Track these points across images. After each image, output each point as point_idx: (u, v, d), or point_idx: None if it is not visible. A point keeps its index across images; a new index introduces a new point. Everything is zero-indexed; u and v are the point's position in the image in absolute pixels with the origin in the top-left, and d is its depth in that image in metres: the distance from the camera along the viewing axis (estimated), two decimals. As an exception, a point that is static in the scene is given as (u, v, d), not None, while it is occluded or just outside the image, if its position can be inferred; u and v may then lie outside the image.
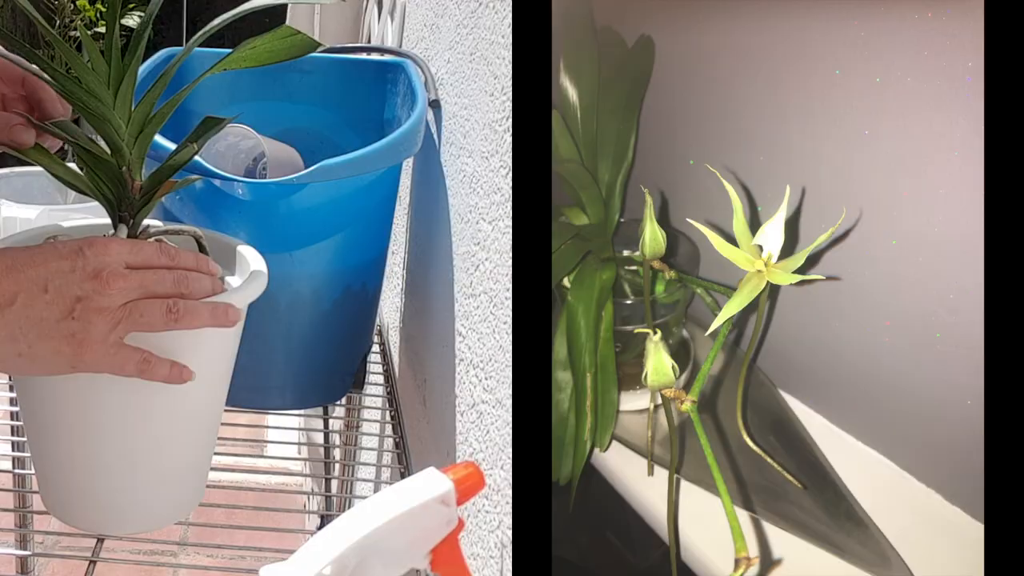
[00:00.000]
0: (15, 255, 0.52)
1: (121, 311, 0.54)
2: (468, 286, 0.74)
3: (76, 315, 0.53)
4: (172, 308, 0.55)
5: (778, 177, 0.77)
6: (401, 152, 0.81)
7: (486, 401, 0.67)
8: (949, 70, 0.61)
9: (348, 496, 1.13)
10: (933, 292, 0.67)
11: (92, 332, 0.53)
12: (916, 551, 0.66)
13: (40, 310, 0.52)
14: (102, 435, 0.60)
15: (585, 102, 0.80)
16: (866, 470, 0.74)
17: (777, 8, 0.72)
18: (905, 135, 0.66)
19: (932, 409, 0.70)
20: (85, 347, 0.54)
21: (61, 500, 0.65)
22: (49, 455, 0.63)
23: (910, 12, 0.62)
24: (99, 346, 0.54)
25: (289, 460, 2.18)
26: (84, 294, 0.53)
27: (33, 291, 0.52)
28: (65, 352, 0.53)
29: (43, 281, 0.52)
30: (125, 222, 0.60)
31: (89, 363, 0.54)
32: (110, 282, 0.53)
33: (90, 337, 0.54)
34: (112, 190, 0.60)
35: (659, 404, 0.78)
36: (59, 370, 0.55)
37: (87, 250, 0.54)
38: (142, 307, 0.55)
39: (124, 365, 0.55)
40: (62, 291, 0.52)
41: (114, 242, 0.55)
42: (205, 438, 0.66)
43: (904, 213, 0.67)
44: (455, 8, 0.86)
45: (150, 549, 1.87)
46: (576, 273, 0.75)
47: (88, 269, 0.53)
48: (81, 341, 0.53)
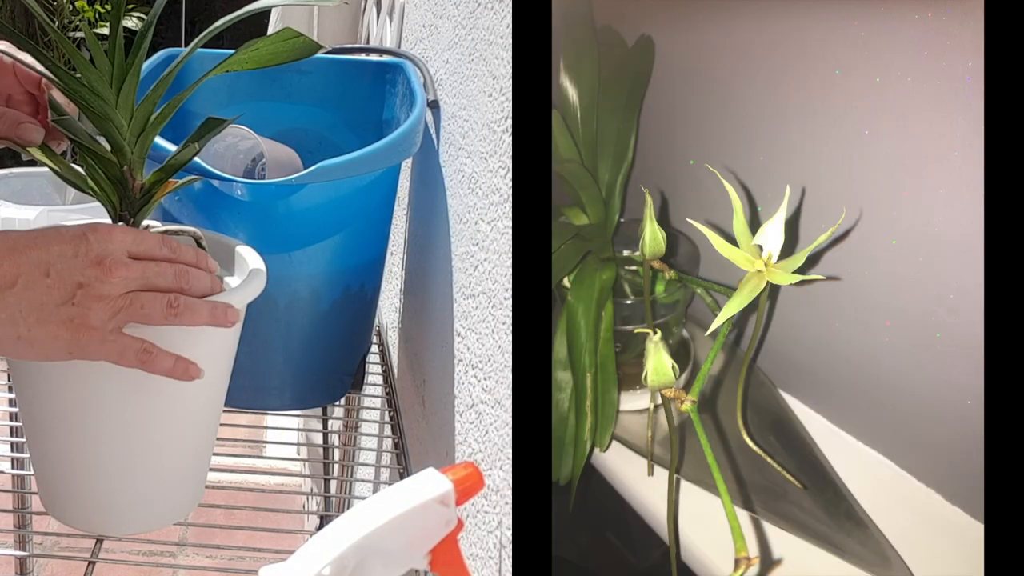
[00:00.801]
0: (17, 237, 0.52)
1: (122, 300, 0.54)
2: (467, 286, 0.74)
3: (76, 301, 0.53)
4: (173, 303, 0.55)
5: (778, 177, 0.77)
6: (400, 153, 0.81)
7: (485, 401, 0.67)
8: (949, 70, 0.61)
9: (347, 496, 1.13)
10: (933, 292, 0.66)
11: (91, 319, 0.53)
12: (916, 551, 0.66)
13: (41, 294, 0.52)
14: (100, 435, 0.60)
15: (585, 102, 0.80)
16: (866, 470, 0.74)
17: (777, 8, 0.72)
18: (905, 135, 0.66)
19: (932, 409, 0.69)
20: (83, 333, 0.53)
21: (60, 500, 0.65)
22: (47, 455, 0.63)
23: (910, 12, 0.62)
24: (97, 333, 0.54)
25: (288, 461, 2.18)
26: (86, 280, 0.53)
27: (35, 274, 0.52)
28: (63, 337, 0.53)
29: (45, 265, 0.52)
30: (125, 221, 0.60)
31: (87, 349, 0.54)
32: (112, 270, 0.53)
33: (89, 323, 0.53)
34: (113, 189, 0.60)
35: (659, 404, 0.78)
36: (57, 355, 0.54)
37: (91, 235, 0.53)
38: (143, 299, 0.55)
39: (123, 353, 0.55)
40: (63, 276, 0.52)
41: (118, 230, 0.55)
42: (204, 438, 0.66)
43: (904, 213, 0.67)
44: (454, 9, 0.86)
45: (149, 550, 1.87)
46: (576, 273, 0.75)
47: (91, 255, 0.53)
48: (79, 327, 0.53)
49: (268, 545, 0.77)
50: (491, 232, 0.67)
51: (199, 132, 0.61)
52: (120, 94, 0.57)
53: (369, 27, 1.67)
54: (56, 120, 0.57)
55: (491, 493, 0.65)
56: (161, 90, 0.59)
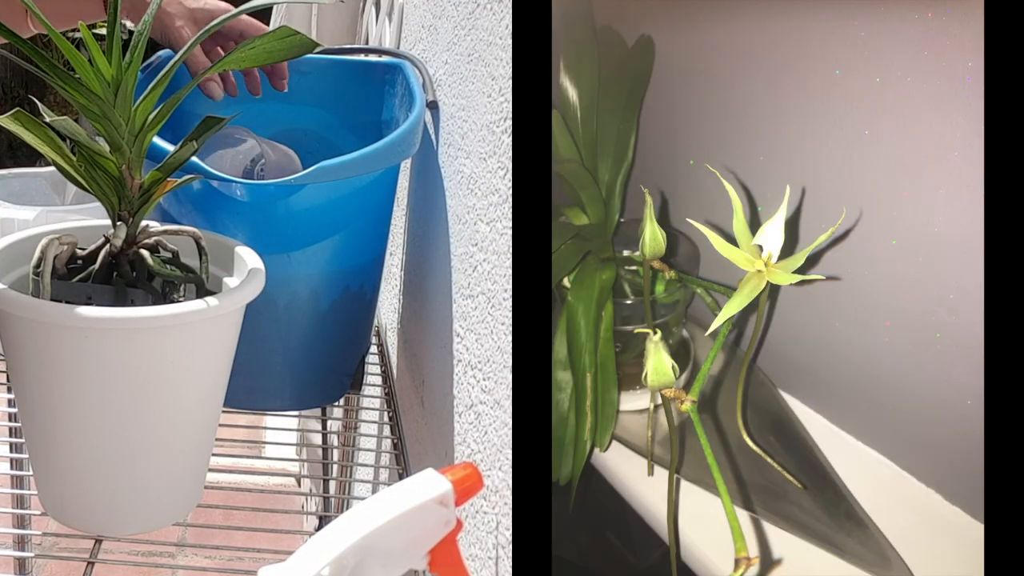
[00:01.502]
0: None
1: None
2: (466, 287, 0.74)
3: None
4: None
5: (778, 177, 0.77)
6: (399, 153, 0.81)
7: (484, 402, 0.67)
8: (949, 70, 0.60)
9: (346, 497, 1.13)
10: (933, 292, 0.66)
11: None
12: (916, 551, 0.66)
13: None
14: (99, 435, 0.60)
15: (585, 102, 0.80)
16: (866, 470, 0.74)
17: (777, 8, 0.72)
18: (905, 135, 0.66)
19: (932, 409, 0.69)
20: None
21: (59, 501, 0.65)
22: (47, 456, 0.63)
23: (910, 12, 0.62)
24: None
25: (287, 461, 2.17)
26: None
27: None
28: None
29: None
30: (124, 221, 0.60)
31: None
32: None
33: None
34: (112, 189, 0.60)
35: (659, 404, 0.78)
36: None
37: None
38: None
39: None
40: None
41: None
42: (203, 438, 0.66)
43: (904, 213, 0.67)
44: (453, 9, 0.86)
45: (148, 550, 1.87)
46: (576, 273, 0.75)
47: None
48: None
49: (267, 545, 0.77)
50: (490, 233, 0.67)
51: (197, 131, 0.61)
52: (118, 93, 0.57)
53: (368, 28, 1.67)
54: (53, 121, 0.57)
55: (490, 494, 0.64)
56: (159, 89, 0.59)
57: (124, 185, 0.59)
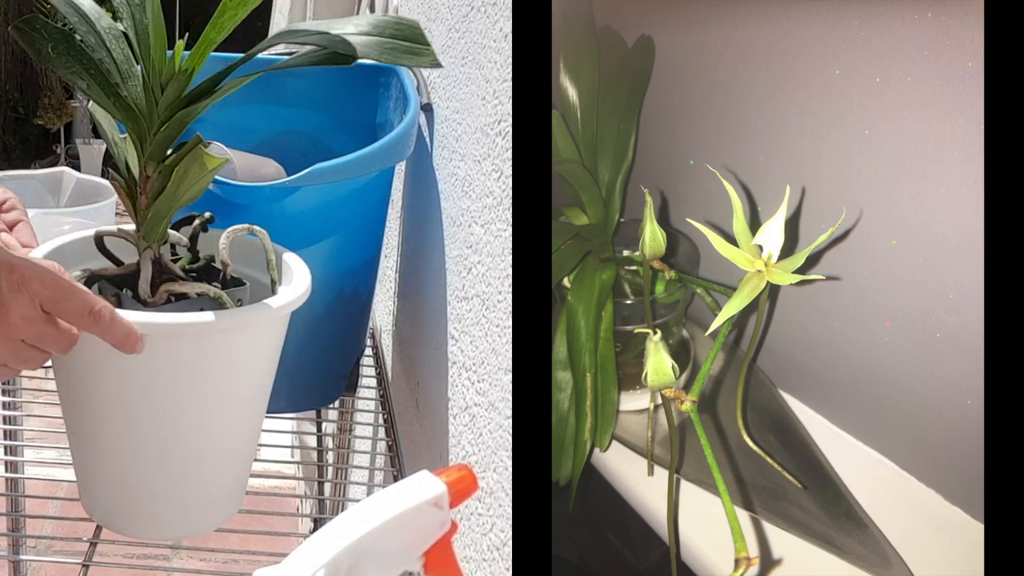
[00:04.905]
0: None
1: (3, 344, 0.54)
2: (460, 289, 0.74)
3: None
4: None
5: (778, 177, 0.77)
6: (394, 156, 0.80)
7: (479, 404, 0.67)
8: (949, 70, 0.60)
9: (341, 499, 1.13)
10: (933, 292, 0.66)
11: None
12: (916, 551, 0.66)
13: None
14: (144, 438, 0.60)
15: (585, 102, 0.80)
16: (866, 470, 0.74)
17: (777, 8, 0.72)
18: (905, 135, 0.66)
19: (932, 409, 0.69)
20: None
21: (104, 508, 0.65)
22: (93, 459, 0.63)
23: (910, 12, 0.62)
24: None
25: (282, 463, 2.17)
26: None
27: None
28: None
29: None
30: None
31: None
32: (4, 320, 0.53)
33: None
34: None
35: (659, 404, 0.78)
36: None
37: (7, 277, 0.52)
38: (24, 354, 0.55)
39: None
40: None
41: (37, 280, 0.54)
42: (250, 442, 0.67)
43: (904, 213, 0.67)
44: (447, 12, 0.85)
45: (143, 553, 1.86)
46: (576, 273, 0.75)
47: None
48: None
49: (262, 548, 0.76)
50: (485, 235, 0.67)
51: None
52: None
53: (364, 29, 1.67)
54: None
55: (485, 496, 0.64)
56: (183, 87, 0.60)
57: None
